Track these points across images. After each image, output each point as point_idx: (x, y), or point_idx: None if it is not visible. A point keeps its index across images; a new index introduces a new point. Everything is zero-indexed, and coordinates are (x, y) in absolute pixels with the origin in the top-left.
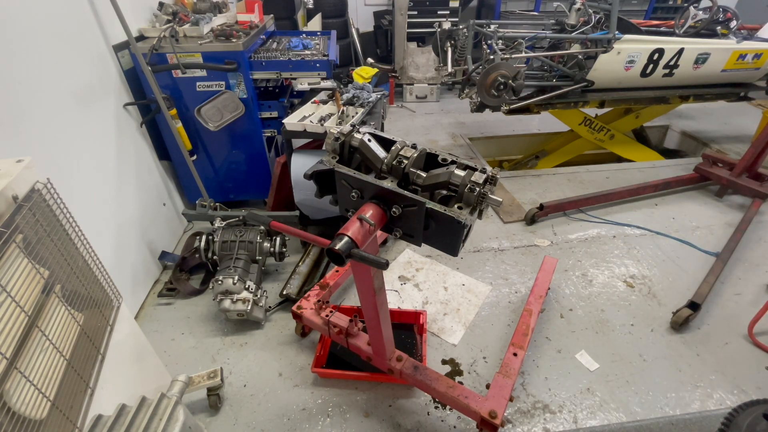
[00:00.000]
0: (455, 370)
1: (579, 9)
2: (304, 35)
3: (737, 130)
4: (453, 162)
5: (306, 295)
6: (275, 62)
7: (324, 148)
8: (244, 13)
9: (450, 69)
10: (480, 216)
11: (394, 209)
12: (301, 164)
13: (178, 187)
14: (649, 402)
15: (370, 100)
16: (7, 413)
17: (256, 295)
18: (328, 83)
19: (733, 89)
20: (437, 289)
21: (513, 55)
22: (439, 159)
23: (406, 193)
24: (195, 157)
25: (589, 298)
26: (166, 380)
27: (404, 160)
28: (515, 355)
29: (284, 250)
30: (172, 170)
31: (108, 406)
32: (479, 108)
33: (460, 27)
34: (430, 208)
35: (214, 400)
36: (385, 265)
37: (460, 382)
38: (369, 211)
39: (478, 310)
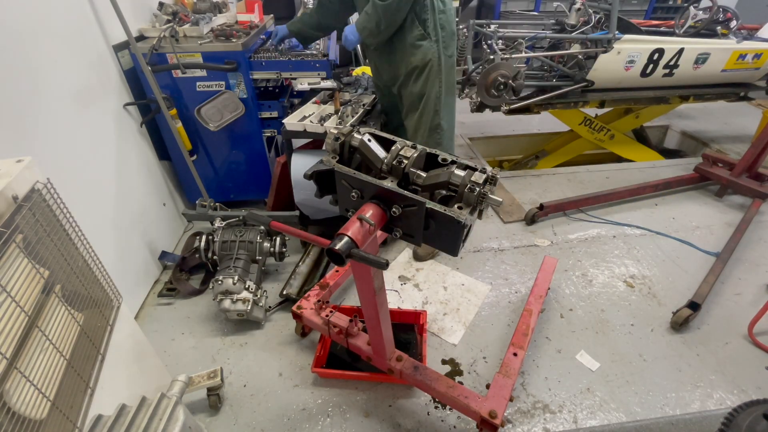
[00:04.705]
0: (455, 370)
1: (579, 9)
2: None
3: (737, 130)
4: (453, 162)
5: (306, 295)
6: (275, 62)
7: (324, 148)
8: (244, 13)
9: None
10: (480, 216)
11: (394, 209)
12: (301, 164)
13: (178, 187)
14: (649, 402)
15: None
16: (7, 413)
17: (256, 295)
18: (328, 83)
19: (733, 89)
20: (437, 289)
21: (513, 55)
22: (439, 159)
23: (406, 193)
24: (195, 157)
25: (589, 298)
26: (166, 380)
27: (404, 160)
28: (515, 355)
29: (284, 250)
30: (172, 170)
31: (108, 406)
32: (479, 108)
33: (460, 27)
34: (430, 208)
35: (214, 400)
36: (385, 265)
37: (460, 382)
38: (369, 211)
39: (478, 310)
